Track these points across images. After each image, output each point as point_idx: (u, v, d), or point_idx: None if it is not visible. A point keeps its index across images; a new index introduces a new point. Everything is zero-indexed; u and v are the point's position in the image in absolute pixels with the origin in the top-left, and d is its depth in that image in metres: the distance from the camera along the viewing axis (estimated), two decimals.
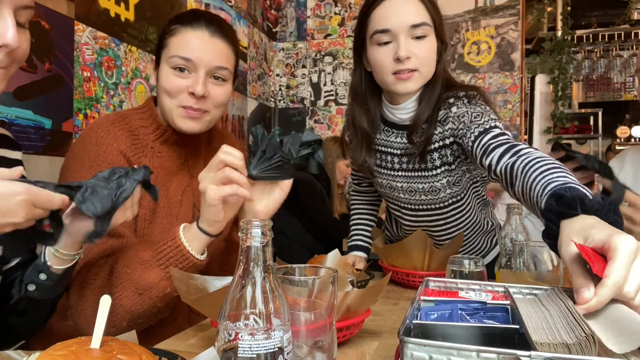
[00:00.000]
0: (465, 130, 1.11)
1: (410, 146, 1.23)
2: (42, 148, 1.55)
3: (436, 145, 1.21)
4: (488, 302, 0.68)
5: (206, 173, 0.90)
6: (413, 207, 1.34)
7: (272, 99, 3.58)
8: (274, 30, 3.58)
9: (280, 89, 3.61)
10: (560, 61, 3.81)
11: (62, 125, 1.64)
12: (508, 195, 2.71)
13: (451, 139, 1.18)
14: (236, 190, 0.89)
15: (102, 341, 0.49)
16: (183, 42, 1.02)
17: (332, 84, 3.54)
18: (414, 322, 0.59)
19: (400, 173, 1.30)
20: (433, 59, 1.18)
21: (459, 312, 0.66)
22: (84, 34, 1.74)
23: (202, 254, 0.93)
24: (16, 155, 0.92)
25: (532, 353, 0.43)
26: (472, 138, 1.08)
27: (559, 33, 3.90)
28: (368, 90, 1.27)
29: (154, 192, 0.81)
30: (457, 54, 3.36)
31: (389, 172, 1.32)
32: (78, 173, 0.98)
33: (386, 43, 1.15)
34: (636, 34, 4.17)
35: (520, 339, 0.55)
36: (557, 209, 0.70)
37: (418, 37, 1.14)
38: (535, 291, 0.73)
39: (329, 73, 3.54)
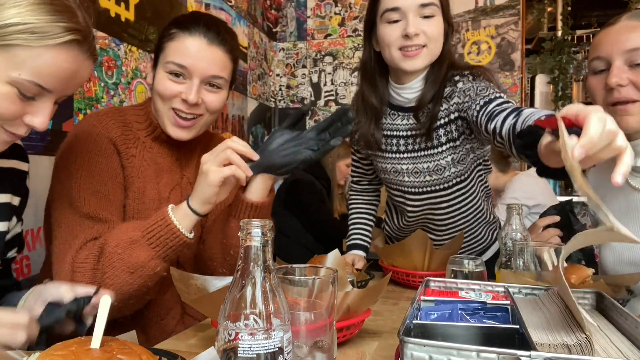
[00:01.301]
0: (470, 103, 1.16)
1: (416, 126, 1.29)
2: (42, 148, 1.55)
3: (441, 121, 1.25)
4: (488, 302, 0.68)
5: (209, 155, 0.93)
6: (417, 189, 1.34)
7: (272, 99, 3.58)
8: (274, 30, 3.58)
9: (280, 89, 3.61)
10: (560, 61, 3.81)
11: (62, 125, 1.64)
12: (508, 195, 2.71)
13: (456, 114, 1.23)
14: (234, 171, 0.91)
15: (102, 341, 0.49)
16: (180, 48, 1.02)
17: (332, 84, 3.54)
18: (414, 322, 0.59)
19: (405, 155, 1.32)
20: (440, 38, 1.23)
21: (459, 312, 0.67)
22: None
23: (190, 233, 0.95)
24: (25, 167, 0.93)
25: (532, 353, 0.43)
26: (478, 108, 1.12)
27: (559, 33, 3.90)
28: (377, 69, 1.33)
29: (82, 328, 0.78)
30: (457, 54, 3.36)
31: (394, 155, 1.34)
32: (69, 161, 0.99)
33: (396, 21, 1.20)
34: None
35: (520, 339, 0.56)
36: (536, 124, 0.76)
37: (426, 16, 1.19)
38: (535, 291, 0.73)
39: (329, 73, 3.54)
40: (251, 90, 3.21)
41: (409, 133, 1.31)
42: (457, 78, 1.23)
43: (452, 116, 1.24)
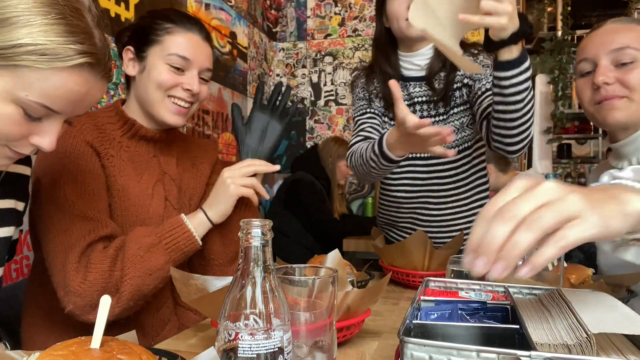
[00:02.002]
0: (481, 77, 1.35)
1: (432, 93, 1.41)
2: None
3: (456, 85, 1.40)
4: (488, 302, 0.68)
5: (231, 170, 1.07)
6: (427, 154, 1.37)
7: None
8: (274, 30, 3.58)
9: None
10: (560, 61, 3.81)
11: None
12: None
13: (469, 81, 1.39)
14: (252, 195, 1.09)
15: (102, 341, 0.49)
16: (181, 42, 1.08)
17: (332, 84, 3.54)
18: (414, 322, 0.59)
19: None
20: None
21: (459, 312, 0.67)
22: None
23: (201, 240, 1.06)
24: (28, 171, 0.92)
25: (532, 353, 0.43)
26: (487, 85, 1.33)
27: (559, 33, 3.90)
28: (389, 43, 1.46)
29: None
30: None
31: None
32: (50, 169, 0.99)
33: None
34: None
35: (520, 339, 0.56)
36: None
37: None
38: (535, 291, 0.73)
39: (329, 73, 3.54)
40: (251, 90, 3.21)
41: (424, 99, 1.43)
42: (476, 51, 1.39)
43: (465, 81, 1.39)
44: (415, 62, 1.42)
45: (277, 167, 1.13)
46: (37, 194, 1.00)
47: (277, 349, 0.53)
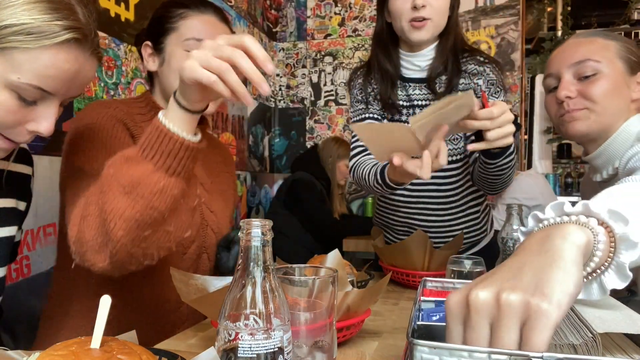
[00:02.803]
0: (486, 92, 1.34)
1: (433, 97, 1.37)
2: (42, 148, 1.55)
3: (460, 90, 1.37)
4: None
5: (211, 44, 0.72)
6: None
7: (272, 99, 3.58)
8: (274, 30, 3.58)
9: (280, 89, 3.61)
10: None
11: (62, 125, 1.64)
12: (508, 195, 2.71)
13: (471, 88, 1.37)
14: (216, 84, 0.71)
15: (102, 341, 0.49)
16: (197, 25, 1.05)
17: (332, 84, 3.54)
18: (417, 323, 0.59)
19: None
20: (446, 11, 1.32)
21: None
22: None
23: (189, 133, 0.79)
24: (30, 170, 0.92)
25: (545, 354, 0.42)
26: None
27: (559, 33, 3.89)
28: (389, 40, 1.41)
29: None
30: None
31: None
32: (79, 144, 0.95)
33: None
34: (636, 34, 4.17)
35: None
36: None
37: None
38: None
39: (329, 73, 3.54)
40: (251, 90, 3.21)
41: (424, 102, 1.40)
42: (482, 59, 1.37)
43: (467, 89, 1.36)
44: (415, 62, 1.39)
45: (270, 68, 0.71)
46: (65, 171, 0.95)
47: (277, 349, 0.53)
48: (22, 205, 0.88)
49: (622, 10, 4.17)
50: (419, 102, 1.41)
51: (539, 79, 3.94)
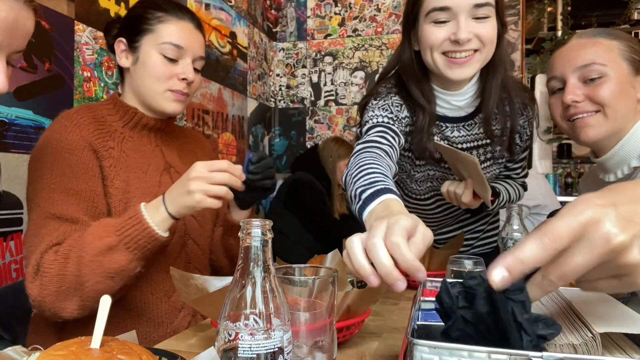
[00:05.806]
0: (517, 136, 1.26)
1: (486, 140, 1.22)
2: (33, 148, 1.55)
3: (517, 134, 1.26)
4: None
5: (203, 168, 0.94)
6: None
7: (272, 99, 3.58)
8: (274, 30, 3.58)
9: (280, 89, 3.61)
10: None
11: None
12: None
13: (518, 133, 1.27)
14: (215, 205, 0.95)
15: (102, 341, 0.49)
16: (175, 30, 1.08)
17: (332, 84, 3.54)
18: (417, 323, 0.59)
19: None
20: (494, 41, 1.08)
21: None
22: (84, 34, 1.74)
23: (165, 232, 0.96)
24: None
25: (545, 354, 0.42)
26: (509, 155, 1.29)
27: (559, 33, 3.90)
28: (419, 72, 1.16)
29: None
30: None
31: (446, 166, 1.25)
32: (41, 162, 0.99)
33: (443, 22, 1.05)
34: (636, 34, 4.17)
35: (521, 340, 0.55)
36: None
37: (480, 18, 1.04)
38: None
39: (329, 73, 3.54)
40: (251, 90, 3.21)
41: (466, 145, 1.22)
42: (527, 101, 1.24)
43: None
44: (453, 101, 1.16)
45: (240, 186, 0.98)
46: (27, 188, 1.00)
47: (277, 349, 0.53)
48: None
49: (622, 10, 4.17)
50: (461, 145, 1.21)
51: (539, 79, 3.94)
